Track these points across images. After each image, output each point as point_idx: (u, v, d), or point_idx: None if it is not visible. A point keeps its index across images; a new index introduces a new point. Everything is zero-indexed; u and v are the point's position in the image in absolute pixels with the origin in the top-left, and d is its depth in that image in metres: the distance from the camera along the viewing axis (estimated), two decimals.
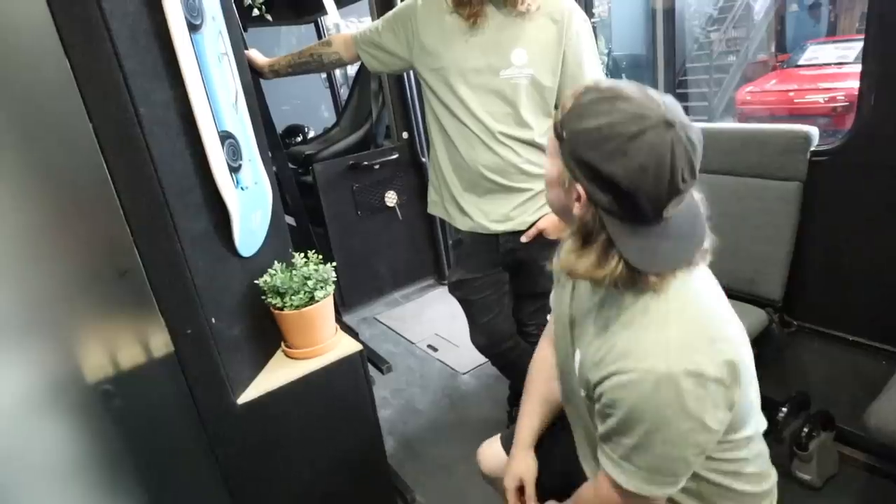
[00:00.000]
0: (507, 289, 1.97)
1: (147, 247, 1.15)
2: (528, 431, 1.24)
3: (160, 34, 1.15)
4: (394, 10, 1.81)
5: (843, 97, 7.62)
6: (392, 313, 3.68)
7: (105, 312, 1.18)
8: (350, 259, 3.54)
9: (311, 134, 4.65)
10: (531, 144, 1.71)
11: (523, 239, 1.77)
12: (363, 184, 3.49)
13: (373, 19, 3.46)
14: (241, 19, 1.91)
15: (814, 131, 1.83)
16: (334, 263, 1.50)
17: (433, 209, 2.06)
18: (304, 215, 2.96)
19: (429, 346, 3.32)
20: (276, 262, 1.48)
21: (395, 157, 3.54)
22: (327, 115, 5.53)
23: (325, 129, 4.26)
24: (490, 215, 1.81)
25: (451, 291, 2.05)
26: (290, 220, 3.07)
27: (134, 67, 1.08)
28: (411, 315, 3.65)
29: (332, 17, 3.21)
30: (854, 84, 8.18)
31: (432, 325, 3.45)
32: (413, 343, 3.33)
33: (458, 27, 1.65)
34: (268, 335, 1.51)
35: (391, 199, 3.61)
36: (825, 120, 7.64)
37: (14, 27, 0.97)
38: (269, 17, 1.98)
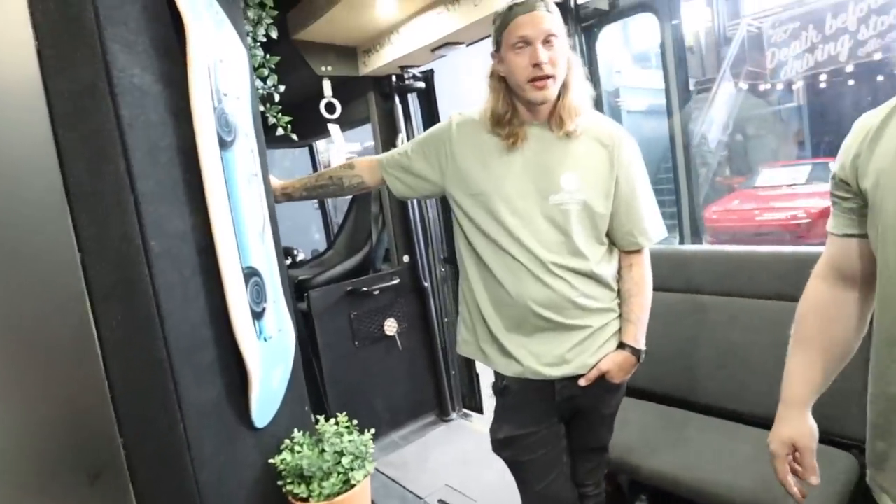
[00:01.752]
0: (564, 444, 1.65)
1: (135, 434, 0.81)
2: (806, 386, 1.03)
3: (185, 150, 0.92)
4: (425, 133, 1.68)
5: (803, 215, 8.28)
6: (392, 459, 3.20)
7: None
8: (344, 395, 3.14)
9: (301, 257, 4.41)
10: (587, 276, 1.50)
11: (582, 382, 1.51)
12: (361, 311, 3.20)
13: (375, 144, 3.43)
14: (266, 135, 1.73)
15: None
16: (372, 432, 1.17)
17: (465, 349, 1.77)
18: (307, 351, 2.63)
19: (440, 501, 2.87)
20: (295, 429, 1.14)
21: (395, 282, 3.30)
22: (318, 237, 5.36)
23: (317, 253, 4.03)
24: (543, 358, 1.54)
25: (498, 451, 1.70)
26: None
27: (149, 189, 0.83)
28: (415, 461, 3.19)
29: (337, 140, 3.13)
30: (810, 203, 8.91)
31: (441, 474, 3.01)
32: (421, 498, 2.86)
33: (499, 148, 1.51)
34: None
35: (391, 327, 3.30)
36: (790, 235, 8.23)
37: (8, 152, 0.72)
38: (294, 136, 1.81)
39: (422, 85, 3.29)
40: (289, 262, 4.43)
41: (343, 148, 3.36)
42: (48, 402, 0.77)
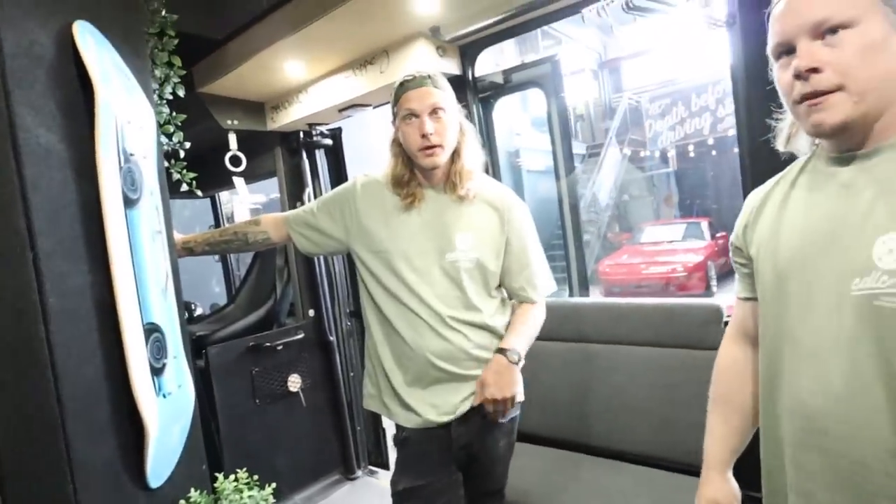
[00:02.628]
0: (462, 493, 1.70)
1: (20, 494, 0.78)
2: (724, 447, 1.04)
3: (89, 208, 0.93)
4: (331, 192, 1.76)
5: (681, 269, 9.22)
6: None
7: None
8: (243, 456, 2.97)
9: (199, 311, 4.20)
10: (481, 327, 1.62)
11: (474, 402, 1.55)
12: (263, 367, 3.09)
13: (281, 198, 3.42)
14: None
15: (723, 304, 1.97)
16: (273, 486, 1.17)
17: (370, 403, 1.81)
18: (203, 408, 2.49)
19: None
20: (192, 488, 1.11)
21: (300, 336, 3.24)
22: (218, 290, 5.13)
23: (217, 307, 3.87)
24: (440, 408, 1.62)
25: (398, 503, 1.72)
26: None
27: (50, 247, 0.83)
28: None
29: (242, 193, 3.11)
30: (686, 258, 9.93)
31: None
32: None
33: (399, 208, 1.62)
34: None
35: (295, 383, 3.21)
36: (671, 286, 9.08)
37: None
38: (199, 192, 1.81)
39: (329, 142, 3.38)
40: (186, 316, 4.20)
41: (247, 200, 3.34)
42: None
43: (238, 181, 3.10)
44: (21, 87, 0.84)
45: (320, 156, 3.41)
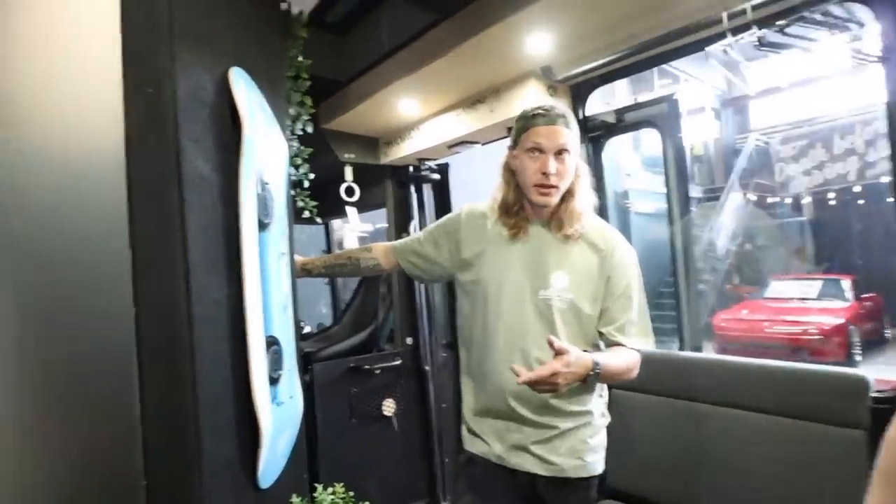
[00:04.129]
0: None
1: (159, 481, 0.89)
2: None
3: (229, 229, 1.06)
4: (437, 222, 1.82)
5: (815, 331, 8.04)
6: None
7: None
8: (337, 470, 3.08)
9: (307, 329, 4.49)
10: None
11: (521, 379, 1.32)
12: (361, 388, 3.21)
13: (389, 228, 3.58)
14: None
15: (870, 376, 1.74)
16: None
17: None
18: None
19: None
20: (294, 495, 1.19)
21: (397, 362, 3.33)
22: (325, 312, 5.45)
23: (323, 327, 4.10)
24: (507, 442, 1.57)
25: None
26: None
27: (198, 261, 0.96)
28: None
29: (353, 221, 3.31)
30: (822, 319, 8.65)
31: None
32: None
33: (501, 238, 1.61)
34: None
35: (389, 407, 3.29)
36: (802, 350, 7.95)
37: (87, 205, 0.87)
38: (319, 220, 1.98)
39: (437, 177, 3.51)
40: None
41: (357, 228, 3.52)
42: (86, 440, 0.86)
43: (350, 210, 3.31)
44: (188, 124, 0.99)
45: (427, 190, 3.54)
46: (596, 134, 2.57)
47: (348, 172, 3.32)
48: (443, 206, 3.59)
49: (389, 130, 3.30)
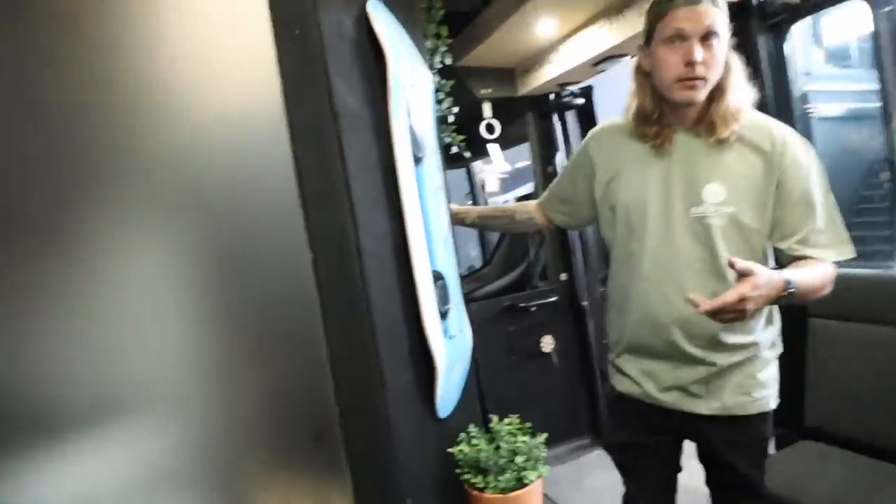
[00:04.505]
0: (677, 467, 1.51)
1: (349, 405, 0.94)
2: None
3: (383, 164, 1.05)
4: (571, 157, 1.65)
5: None
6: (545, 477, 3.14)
7: (290, 479, 0.95)
8: (499, 407, 3.16)
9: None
10: None
11: (702, 308, 1.13)
12: (518, 326, 3.22)
13: (532, 163, 3.46)
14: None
15: None
16: (545, 436, 1.19)
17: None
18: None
19: None
20: (471, 425, 1.20)
21: (553, 299, 3.27)
22: (473, 254, 5.56)
23: (473, 268, 4.17)
24: (661, 383, 1.40)
25: (610, 453, 1.61)
26: None
27: (360, 196, 0.96)
28: (569, 482, 3.10)
29: (496, 160, 3.24)
30: None
31: (597, 499, 2.88)
32: None
33: (639, 153, 1.39)
34: None
35: (547, 344, 3.27)
36: None
37: (253, 151, 0.91)
38: (467, 154, 1.95)
39: (581, 101, 3.27)
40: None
41: (501, 166, 3.44)
42: (283, 374, 0.93)
43: (492, 148, 3.23)
44: (335, 61, 0.98)
45: (571, 118, 3.33)
46: (776, 19, 2.14)
47: (486, 109, 3.23)
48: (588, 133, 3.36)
49: (526, 58, 3.12)
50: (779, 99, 2.18)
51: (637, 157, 1.38)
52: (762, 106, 2.07)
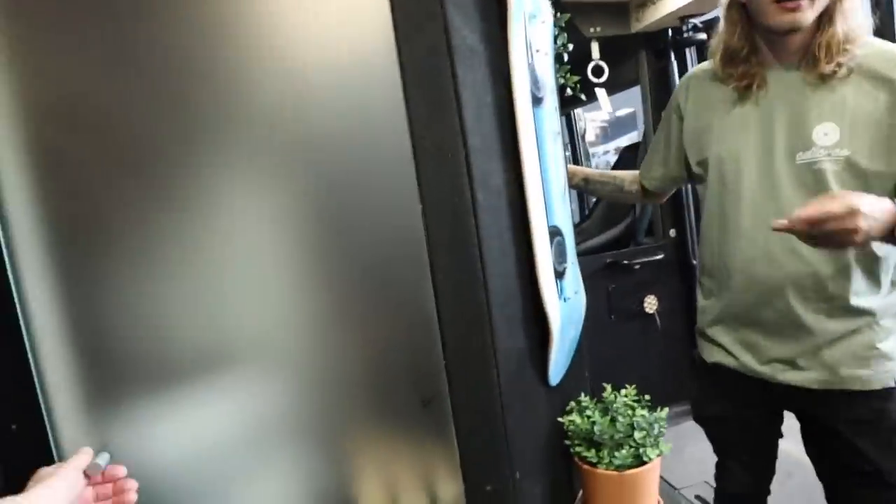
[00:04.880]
0: (776, 439, 1.41)
1: (459, 371, 0.88)
2: None
3: (501, 107, 0.94)
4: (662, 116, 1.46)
5: None
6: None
7: (394, 444, 0.93)
8: (597, 368, 3.07)
9: None
10: (856, 261, 1.10)
11: (800, 216, 0.96)
12: (620, 284, 3.06)
13: (644, 107, 3.19)
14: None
15: None
16: (666, 410, 1.09)
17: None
18: None
19: (697, 497, 2.64)
20: (582, 393, 1.12)
21: (659, 256, 3.06)
22: (573, 207, 5.36)
23: (574, 223, 4.00)
24: (764, 355, 1.22)
25: (702, 425, 1.52)
26: None
27: (476, 145, 0.87)
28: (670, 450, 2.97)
29: (604, 105, 3.01)
30: None
31: (699, 468, 2.76)
32: (677, 489, 2.68)
33: (730, 99, 1.21)
34: (562, 494, 1.13)
35: (651, 304, 3.09)
36: None
37: (364, 94, 0.84)
38: (583, 96, 1.78)
39: (703, 36, 2.92)
40: None
41: (605, 113, 3.20)
42: (392, 337, 0.89)
43: (600, 92, 3.00)
44: None
45: (692, 56, 3.00)
46: None
47: (595, 49, 2.98)
48: None
49: None
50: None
51: (726, 104, 1.22)
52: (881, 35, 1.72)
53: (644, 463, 1.02)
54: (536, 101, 0.99)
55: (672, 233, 3.12)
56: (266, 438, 0.87)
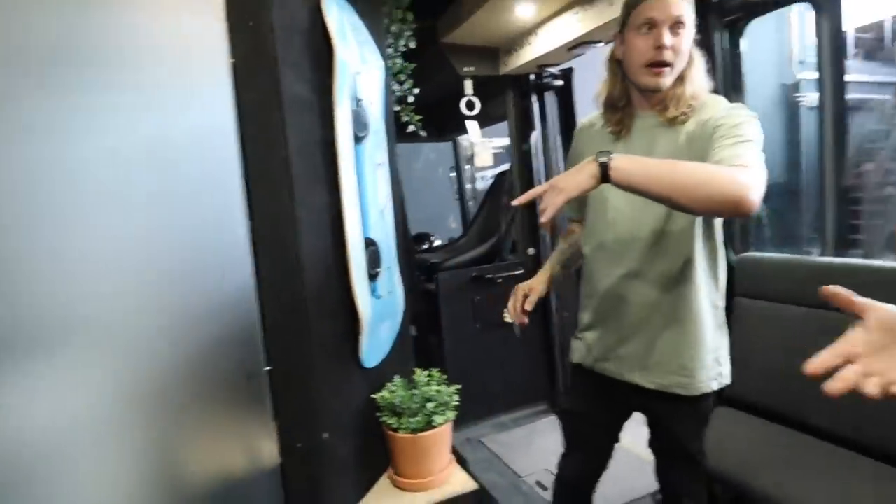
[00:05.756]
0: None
1: (277, 349, 1.11)
2: None
3: (328, 143, 1.19)
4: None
5: None
6: (499, 438, 3.38)
7: (221, 413, 1.13)
8: (462, 373, 3.35)
9: (437, 242, 4.76)
10: (677, 278, 1.45)
11: (517, 201, 1.18)
12: (484, 296, 3.38)
13: (511, 139, 3.56)
14: (399, 131, 2.01)
15: None
16: (457, 386, 1.37)
17: None
18: (423, 324, 2.91)
19: (537, 482, 2.94)
20: (396, 376, 1.38)
21: (519, 272, 3.43)
22: (454, 227, 5.70)
23: (452, 239, 4.33)
24: (606, 353, 1.53)
25: (559, 419, 1.74)
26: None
27: (300, 172, 1.12)
28: (520, 443, 3.32)
29: (474, 136, 3.35)
30: None
31: (543, 458, 3.09)
32: (520, 477, 2.98)
33: (606, 138, 1.46)
34: (376, 457, 1.38)
35: (510, 314, 3.44)
36: None
37: (205, 132, 1.05)
38: (423, 133, 2.08)
39: (560, 83, 3.36)
40: (426, 246, 4.80)
41: (490, 144, 3.50)
42: (221, 322, 1.09)
43: (471, 124, 3.34)
44: (286, 51, 1.12)
45: (551, 98, 3.42)
46: (733, 17, 2.24)
47: (468, 86, 3.31)
48: (566, 114, 3.46)
49: (508, 38, 3.20)
50: (735, 94, 2.31)
51: (603, 142, 1.47)
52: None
53: (434, 427, 1.30)
54: (358, 139, 1.25)
55: (530, 251, 3.49)
56: (102, 412, 0.97)
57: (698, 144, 1.30)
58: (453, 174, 5.22)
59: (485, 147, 3.86)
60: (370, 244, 1.27)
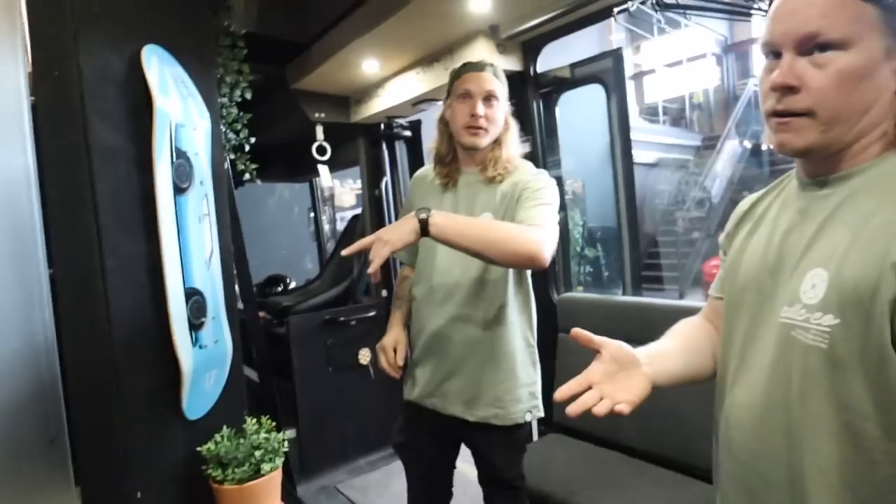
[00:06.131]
0: (449, 468, 1.74)
1: (79, 409, 1.06)
2: (661, 351, 0.95)
3: (146, 193, 1.19)
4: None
5: None
6: (355, 482, 3.34)
7: (24, 480, 1.04)
8: (315, 418, 3.29)
9: (293, 285, 4.68)
10: (491, 321, 1.60)
11: (345, 252, 1.25)
12: (337, 339, 3.38)
13: (362, 184, 3.69)
14: (236, 179, 2.01)
15: None
16: (289, 432, 1.39)
17: None
18: (268, 370, 2.82)
19: None
20: (224, 426, 1.36)
21: (372, 314, 3.49)
22: (311, 267, 5.65)
23: (307, 281, 4.29)
24: (438, 390, 1.66)
25: (396, 452, 1.84)
26: (252, 373, 2.89)
27: (110, 222, 1.10)
28: (376, 485, 3.32)
29: (324, 180, 3.42)
30: None
31: (400, 500, 3.11)
32: None
33: (436, 190, 1.65)
34: None
35: (365, 356, 3.48)
36: None
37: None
38: (259, 181, 2.10)
39: (409, 133, 3.58)
40: (280, 288, 4.69)
41: (327, 182, 3.56)
42: (20, 385, 1.03)
43: (322, 169, 3.41)
44: (95, 100, 1.11)
45: (400, 147, 3.62)
46: (547, 90, 2.61)
47: (319, 132, 3.39)
48: (415, 162, 3.66)
49: (358, 89, 3.34)
50: (549, 153, 2.66)
51: (434, 192, 1.63)
52: (533, 156, 2.53)
53: (263, 475, 1.30)
54: (180, 190, 1.26)
55: (384, 293, 3.59)
56: None
57: (509, 203, 1.51)
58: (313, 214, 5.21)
59: (347, 189, 3.93)
60: (193, 294, 1.27)
